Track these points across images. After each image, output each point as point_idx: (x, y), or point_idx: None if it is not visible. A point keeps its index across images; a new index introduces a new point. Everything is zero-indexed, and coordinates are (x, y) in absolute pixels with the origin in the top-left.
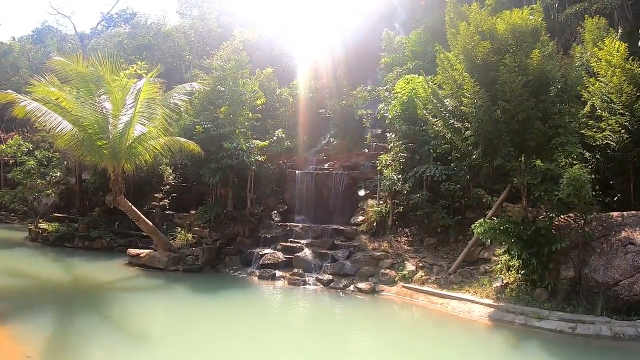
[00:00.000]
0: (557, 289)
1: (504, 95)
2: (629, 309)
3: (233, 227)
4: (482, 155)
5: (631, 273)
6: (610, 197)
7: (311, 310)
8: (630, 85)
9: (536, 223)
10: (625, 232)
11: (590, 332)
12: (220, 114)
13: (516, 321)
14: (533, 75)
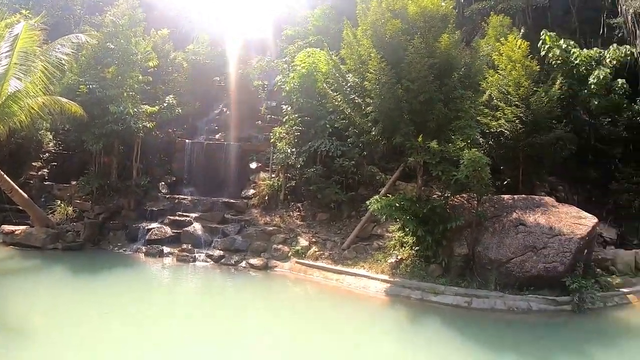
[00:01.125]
0: (450, 265)
1: (409, 74)
2: (520, 285)
3: (117, 199)
4: (381, 133)
5: (522, 251)
6: (500, 181)
7: (201, 289)
8: (527, 80)
9: (432, 202)
10: (516, 213)
11: (485, 306)
12: (108, 74)
13: (412, 296)
14: (439, 58)
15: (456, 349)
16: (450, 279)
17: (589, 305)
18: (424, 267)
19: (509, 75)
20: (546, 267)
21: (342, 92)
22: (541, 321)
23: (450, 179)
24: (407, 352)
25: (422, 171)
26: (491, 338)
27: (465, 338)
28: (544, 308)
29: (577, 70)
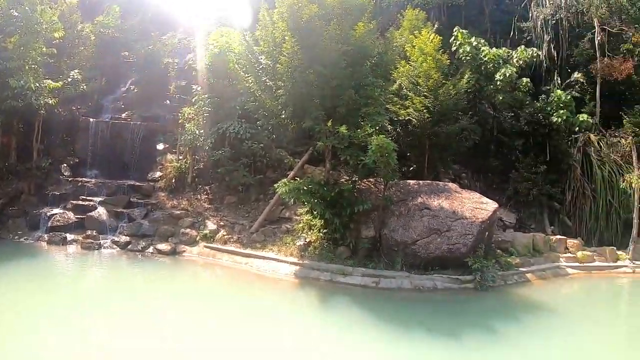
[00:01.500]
0: (358, 247)
1: (322, 60)
2: (426, 265)
3: (17, 183)
4: (291, 116)
5: (427, 234)
6: (407, 167)
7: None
8: (437, 72)
9: (340, 185)
10: (421, 198)
11: (392, 286)
12: (9, 44)
13: (322, 278)
14: (353, 46)
15: (366, 326)
16: (358, 261)
17: (491, 283)
18: (332, 249)
19: (420, 67)
20: (450, 249)
21: (254, 74)
22: (446, 298)
23: (358, 164)
24: (319, 332)
25: (330, 155)
26: (399, 315)
27: (375, 316)
28: (448, 286)
29: (485, 67)
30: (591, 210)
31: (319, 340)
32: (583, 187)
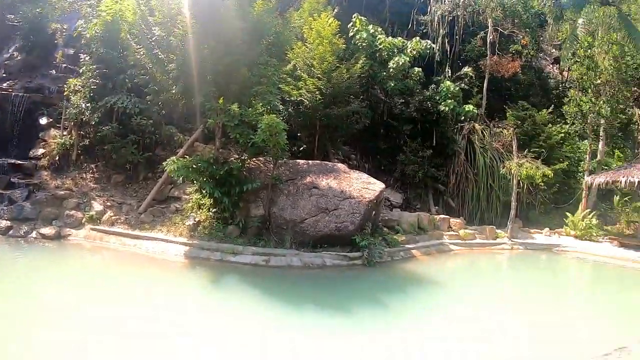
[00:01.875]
0: (248, 226)
1: (217, 35)
2: (314, 243)
3: None
4: (182, 92)
5: (315, 213)
6: (297, 147)
7: None
8: (332, 56)
9: (229, 164)
10: (310, 177)
11: (282, 264)
12: None
13: (212, 258)
14: (250, 23)
15: (257, 304)
16: (248, 239)
17: (378, 259)
18: (222, 228)
19: (316, 50)
20: (338, 227)
21: (146, 45)
22: (335, 275)
23: (247, 142)
24: (210, 312)
25: (220, 133)
26: (290, 292)
27: (266, 294)
28: (337, 263)
29: (380, 54)
30: (473, 192)
31: (210, 321)
32: (466, 172)
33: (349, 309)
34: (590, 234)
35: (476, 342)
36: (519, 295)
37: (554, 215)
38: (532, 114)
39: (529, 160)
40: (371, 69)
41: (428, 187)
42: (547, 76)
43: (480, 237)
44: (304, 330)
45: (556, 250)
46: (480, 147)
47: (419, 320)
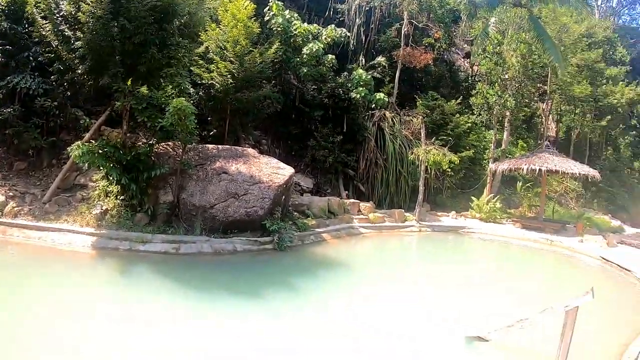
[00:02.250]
0: (157, 213)
1: (127, 13)
2: (225, 228)
3: None
4: (88, 71)
5: (225, 198)
6: (207, 132)
7: None
8: (246, 39)
9: (136, 148)
10: (220, 162)
11: (193, 251)
12: None
13: (121, 247)
14: (162, 2)
15: (168, 293)
16: (157, 227)
17: (288, 243)
18: (130, 216)
19: (230, 32)
20: (247, 212)
21: (52, 21)
22: (246, 260)
23: (156, 126)
24: (120, 304)
25: (128, 117)
26: (201, 279)
27: (177, 282)
28: (248, 248)
29: (294, 40)
30: (383, 177)
31: (118, 312)
32: (376, 157)
33: (261, 294)
34: (494, 216)
35: (380, 319)
36: (425, 274)
37: (460, 200)
38: (441, 104)
39: (436, 147)
40: (285, 55)
41: (338, 172)
42: (457, 69)
43: (389, 221)
44: (216, 317)
45: (462, 232)
46: (390, 134)
47: (332, 301)
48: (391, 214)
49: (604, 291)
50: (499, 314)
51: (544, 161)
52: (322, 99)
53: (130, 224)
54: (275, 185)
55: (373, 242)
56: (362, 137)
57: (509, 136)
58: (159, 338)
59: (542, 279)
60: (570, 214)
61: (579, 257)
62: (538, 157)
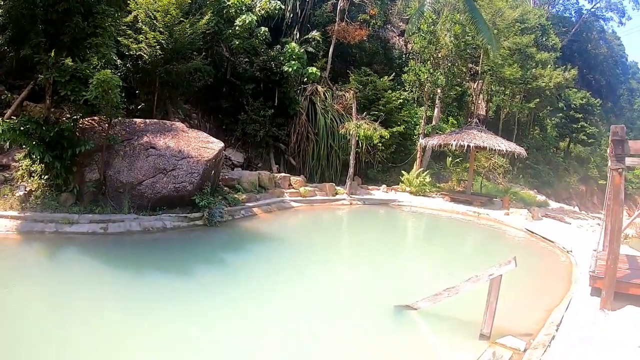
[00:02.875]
0: (83, 192)
1: None
2: (153, 205)
3: None
4: (9, 42)
5: (153, 174)
6: (135, 105)
7: None
8: (177, 9)
9: (60, 124)
10: (147, 137)
11: (121, 230)
12: None
13: (47, 230)
14: None
15: (97, 274)
16: (83, 207)
17: (219, 219)
18: (55, 197)
19: (160, 1)
20: (176, 187)
21: None
22: (176, 237)
23: (79, 100)
24: (47, 290)
25: (51, 90)
26: (131, 259)
27: (105, 263)
28: (177, 225)
29: (227, 11)
30: (314, 152)
31: (49, 298)
32: (307, 132)
33: (191, 271)
34: (424, 190)
35: (311, 290)
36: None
37: (391, 174)
38: (374, 80)
39: (367, 122)
40: (217, 26)
41: (269, 146)
42: (392, 46)
43: (321, 194)
44: (145, 296)
45: (393, 205)
46: (322, 108)
47: (259, 275)
48: (322, 187)
49: (529, 261)
50: (428, 283)
51: (472, 137)
52: (254, 72)
53: (55, 205)
54: (204, 159)
55: (304, 215)
56: (293, 111)
57: (439, 113)
58: (86, 320)
59: (470, 250)
60: (497, 188)
61: (505, 229)
62: (467, 134)
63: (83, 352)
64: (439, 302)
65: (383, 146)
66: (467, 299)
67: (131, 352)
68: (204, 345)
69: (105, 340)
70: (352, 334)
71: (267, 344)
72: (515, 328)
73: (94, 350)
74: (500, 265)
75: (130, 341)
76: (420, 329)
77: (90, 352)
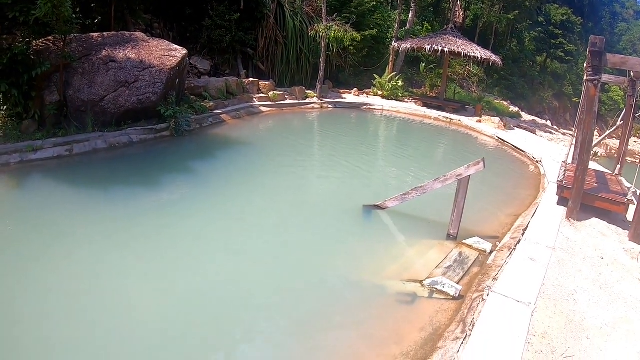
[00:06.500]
0: (44, 117)
1: None
2: (118, 121)
3: None
4: None
5: (115, 88)
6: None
7: None
8: None
9: (12, 50)
10: (106, 51)
11: (87, 149)
12: None
13: (12, 161)
14: None
15: (65, 198)
16: (47, 132)
17: (186, 128)
18: (16, 126)
19: None
20: (140, 99)
21: None
22: (143, 150)
23: (29, 20)
24: (15, 221)
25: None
26: (98, 177)
27: (73, 185)
28: (144, 138)
29: None
30: (283, 56)
31: (18, 230)
32: (276, 35)
33: (161, 183)
34: (396, 94)
35: (284, 191)
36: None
37: (363, 78)
38: None
39: (337, 24)
40: None
41: (237, 52)
42: None
43: (290, 98)
44: (116, 213)
45: (364, 109)
46: (291, 10)
47: (228, 181)
48: (292, 91)
49: (498, 168)
50: (398, 185)
51: (447, 42)
52: None
53: (18, 134)
54: (167, 68)
55: (274, 120)
56: (260, 15)
57: (414, 17)
58: (55, 243)
59: (440, 154)
60: (471, 97)
61: (476, 135)
62: (442, 39)
63: (60, 278)
64: (407, 201)
65: (355, 49)
66: (435, 200)
67: (107, 274)
68: (180, 254)
69: (76, 262)
70: (322, 232)
71: (241, 243)
72: (482, 231)
73: (68, 277)
74: (468, 165)
75: (104, 263)
76: (389, 227)
77: (65, 279)
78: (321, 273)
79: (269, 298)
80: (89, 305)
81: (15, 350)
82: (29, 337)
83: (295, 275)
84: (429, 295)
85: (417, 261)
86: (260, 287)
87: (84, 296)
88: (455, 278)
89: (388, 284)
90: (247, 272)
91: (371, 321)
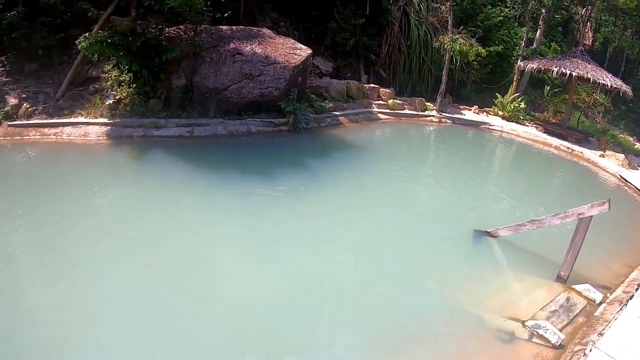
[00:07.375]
0: (170, 98)
1: None
2: (239, 110)
3: None
4: None
5: (239, 79)
6: (222, 13)
7: None
8: None
9: (146, 34)
10: (233, 43)
11: (207, 133)
12: None
13: (135, 134)
14: None
15: (183, 174)
16: (171, 112)
17: (304, 125)
18: (143, 103)
19: None
20: (262, 93)
21: None
22: (261, 141)
23: (164, 9)
24: (137, 188)
25: (135, 2)
26: (215, 161)
27: (191, 164)
28: (262, 129)
29: None
30: (405, 64)
31: (138, 195)
32: (399, 43)
33: (274, 174)
34: (517, 116)
35: (392, 201)
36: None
37: (484, 95)
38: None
39: (463, 37)
40: None
41: (359, 56)
42: None
43: (409, 109)
44: (230, 196)
45: (483, 128)
46: (416, 19)
47: (341, 181)
48: (411, 102)
49: (618, 210)
50: (511, 212)
51: (575, 66)
52: None
53: (143, 111)
54: (291, 65)
55: (391, 128)
56: (385, 21)
57: (541, 35)
58: (174, 219)
59: (557, 185)
60: (595, 127)
61: (596, 171)
62: (570, 61)
63: (162, 245)
64: (520, 232)
65: (478, 65)
66: (550, 236)
67: (203, 248)
68: (281, 247)
69: (175, 236)
70: (427, 252)
71: (342, 248)
72: (593, 277)
73: (173, 245)
74: (592, 205)
75: (202, 237)
76: (497, 258)
77: (169, 247)
78: (420, 291)
79: (358, 305)
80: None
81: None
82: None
83: (389, 285)
84: (528, 338)
85: (522, 298)
86: (352, 292)
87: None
88: (559, 325)
89: (487, 317)
90: (337, 275)
91: (462, 354)
